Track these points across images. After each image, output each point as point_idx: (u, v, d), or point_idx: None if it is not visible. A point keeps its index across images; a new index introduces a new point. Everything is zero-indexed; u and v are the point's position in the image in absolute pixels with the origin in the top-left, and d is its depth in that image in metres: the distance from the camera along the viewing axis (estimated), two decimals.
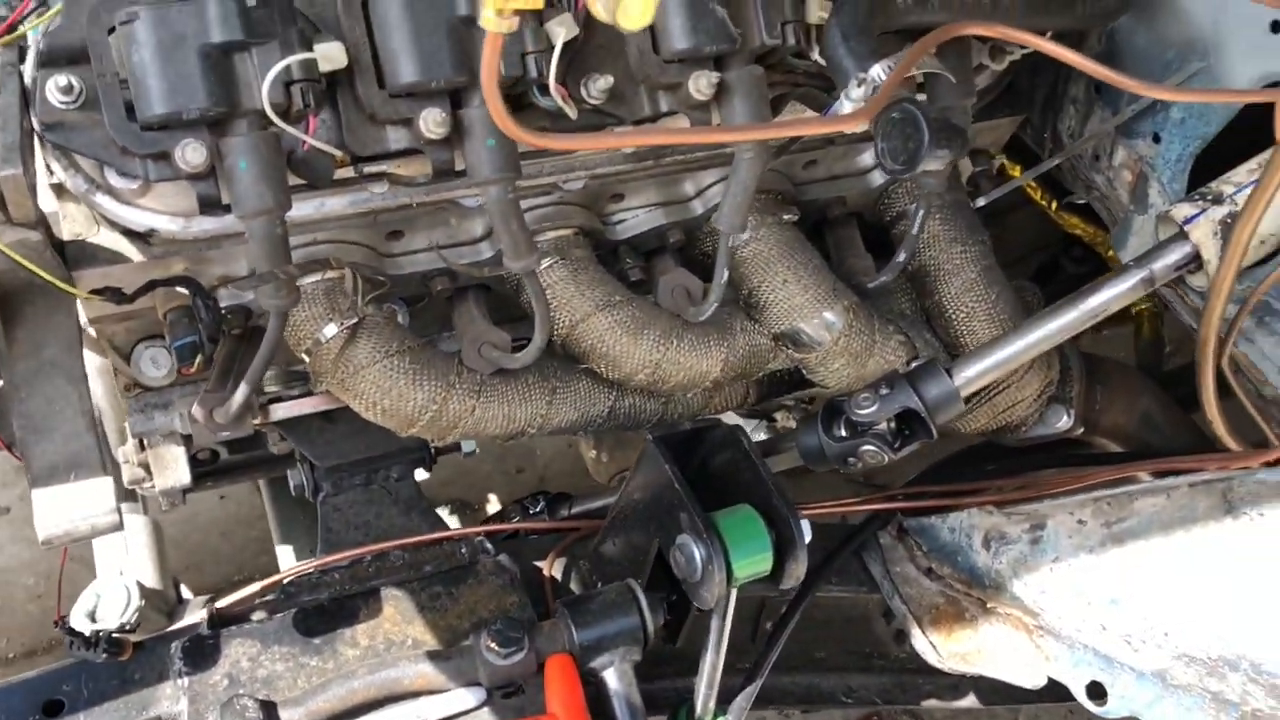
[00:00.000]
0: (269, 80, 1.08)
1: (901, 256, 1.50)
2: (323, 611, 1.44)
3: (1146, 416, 1.95)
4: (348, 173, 1.24)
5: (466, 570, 1.51)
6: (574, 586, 1.57)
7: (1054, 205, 2.05)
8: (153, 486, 1.67)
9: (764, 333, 1.52)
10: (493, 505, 3.02)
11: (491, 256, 1.41)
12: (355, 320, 1.32)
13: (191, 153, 1.09)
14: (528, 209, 1.41)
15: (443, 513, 2.98)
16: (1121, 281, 1.42)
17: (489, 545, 1.59)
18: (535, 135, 0.90)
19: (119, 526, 1.16)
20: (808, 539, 1.27)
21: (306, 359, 1.35)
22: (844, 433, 1.47)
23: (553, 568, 1.58)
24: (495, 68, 0.81)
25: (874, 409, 1.42)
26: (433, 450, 1.67)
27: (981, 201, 1.65)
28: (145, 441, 1.60)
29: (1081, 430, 1.84)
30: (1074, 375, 1.78)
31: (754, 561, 1.27)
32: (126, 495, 2.12)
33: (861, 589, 1.75)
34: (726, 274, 1.39)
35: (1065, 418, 1.79)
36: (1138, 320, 2.17)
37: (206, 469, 1.85)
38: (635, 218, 1.51)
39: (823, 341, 1.50)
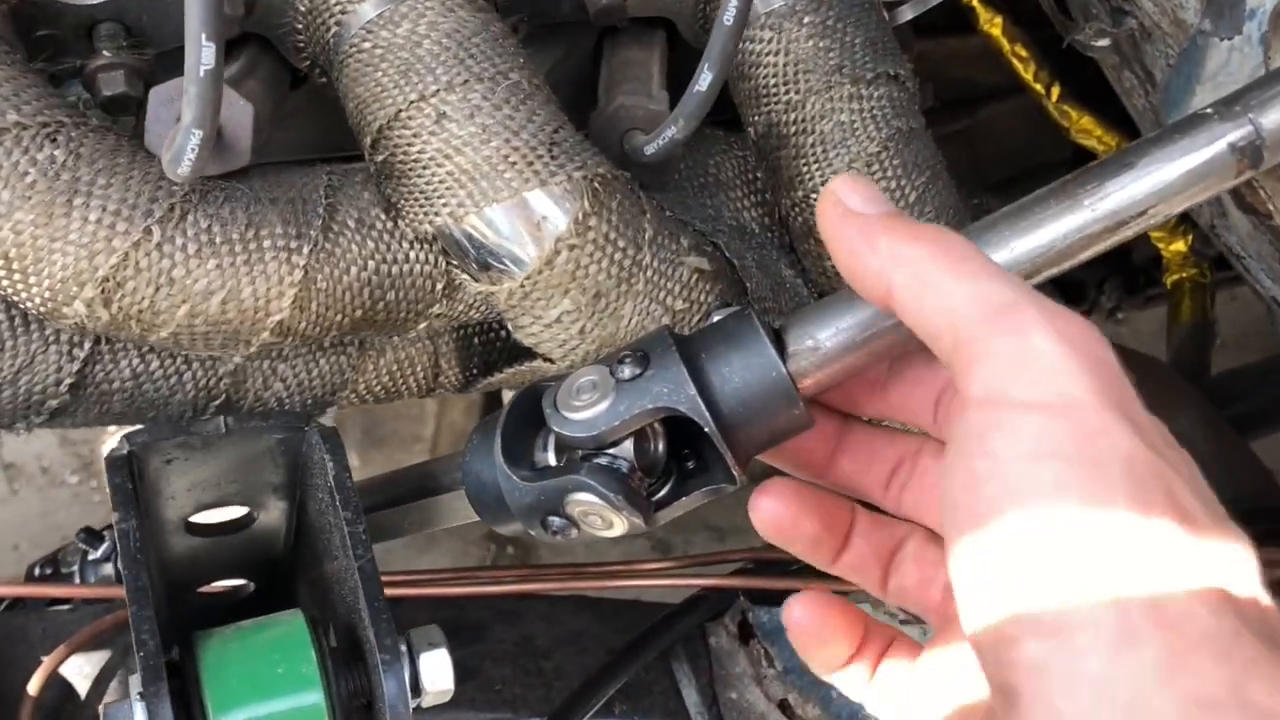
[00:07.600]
0: None
1: (705, 81, 0.68)
2: None
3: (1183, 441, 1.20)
4: None
5: None
6: None
7: (1054, 93, 1.30)
8: None
9: (409, 235, 0.71)
10: None
11: None
12: None
13: None
14: None
15: None
16: (1192, 143, 0.59)
17: None
18: None
19: None
20: None
21: None
22: (548, 457, 0.65)
23: None
24: None
25: (603, 406, 0.61)
26: None
27: (909, 12, 0.83)
28: None
29: None
30: None
31: None
32: None
33: None
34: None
35: None
36: (1175, 295, 1.44)
37: None
38: None
39: (524, 257, 0.69)
